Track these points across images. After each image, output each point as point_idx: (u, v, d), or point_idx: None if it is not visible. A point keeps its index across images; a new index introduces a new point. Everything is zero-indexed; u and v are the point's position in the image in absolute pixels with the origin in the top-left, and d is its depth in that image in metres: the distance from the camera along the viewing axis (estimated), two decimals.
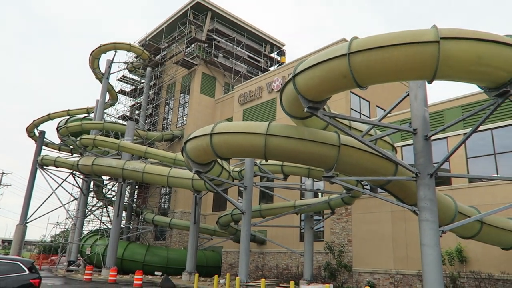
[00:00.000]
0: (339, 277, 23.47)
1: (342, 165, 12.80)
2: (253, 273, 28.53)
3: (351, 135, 11.84)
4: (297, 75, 10.75)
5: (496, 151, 19.56)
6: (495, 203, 18.17)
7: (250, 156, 13.76)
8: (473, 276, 18.56)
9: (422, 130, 12.25)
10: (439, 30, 8.88)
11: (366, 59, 9.29)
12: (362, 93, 28.07)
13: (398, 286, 21.17)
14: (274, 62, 48.06)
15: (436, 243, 11.32)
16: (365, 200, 23.28)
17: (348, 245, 23.91)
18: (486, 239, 15.69)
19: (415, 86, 12.68)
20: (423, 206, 11.61)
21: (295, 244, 26.71)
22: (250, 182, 18.96)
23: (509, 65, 8.78)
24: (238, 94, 35.14)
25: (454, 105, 21.41)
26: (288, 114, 12.99)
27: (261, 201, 30.01)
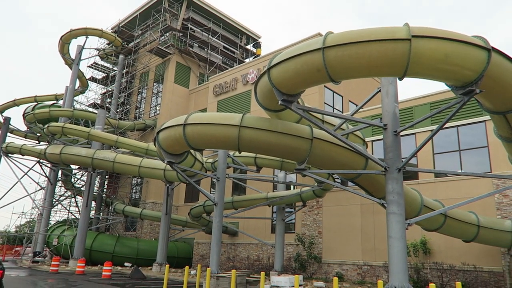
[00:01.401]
0: (309, 268, 23.91)
1: (314, 158, 12.99)
2: (225, 264, 28.66)
3: (324, 128, 12.02)
4: (272, 67, 10.79)
5: (461, 148, 20.33)
6: (458, 198, 18.94)
7: (224, 147, 13.74)
8: (436, 267, 19.33)
9: (392, 125, 12.56)
10: (410, 28, 9.11)
11: (340, 54, 9.43)
12: (335, 88, 28.46)
13: (365, 276, 21.79)
14: (250, 54, 47.93)
15: (402, 235, 11.70)
16: (336, 193, 23.74)
17: (318, 237, 24.36)
18: (449, 231, 16.33)
19: (386, 82, 12.96)
20: (391, 200, 11.95)
21: (267, 236, 26.98)
22: (223, 174, 18.95)
23: (474, 64, 9.11)
24: (213, 85, 34.89)
25: (423, 102, 22.05)
26: (262, 106, 13.03)
27: (233, 193, 30.08)
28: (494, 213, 18.35)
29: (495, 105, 10.50)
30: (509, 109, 10.43)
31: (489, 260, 18.18)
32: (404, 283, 11.32)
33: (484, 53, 9.14)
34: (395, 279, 11.40)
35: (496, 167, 18.77)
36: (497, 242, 16.44)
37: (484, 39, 9.30)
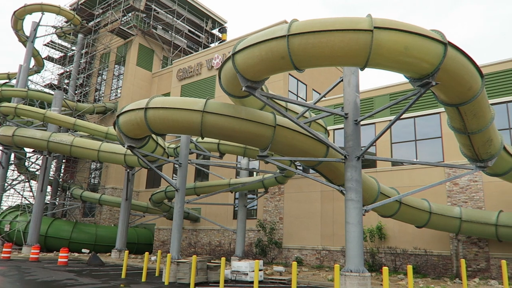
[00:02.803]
0: (269, 254, 24.32)
1: (277, 145, 13.11)
2: (186, 250, 28.60)
3: (287, 116, 12.12)
4: (237, 53, 10.70)
5: (417, 138, 21.20)
6: (413, 185, 19.81)
7: (186, 132, 13.57)
8: (390, 252, 20.23)
9: (353, 114, 12.88)
10: (373, 20, 9.29)
11: (304, 42, 9.48)
12: (300, 76, 28.70)
13: (323, 261, 22.46)
14: (216, 39, 47.26)
15: (359, 221, 12.13)
16: (297, 180, 24.15)
17: (279, 223, 24.78)
18: (403, 217, 17.10)
19: (349, 72, 13.22)
20: (349, 187, 12.32)
21: (229, 222, 27.11)
22: (185, 159, 18.75)
23: (431, 57, 9.45)
24: (177, 69, 34.19)
25: (383, 93, 22.70)
26: (227, 92, 12.94)
27: (196, 179, 29.90)
28: (445, 201, 19.37)
29: (449, 98, 10.97)
30: (462, 102, 10.94)
31: (439, 244, 19.24)
32: (360, 267, 11.79)
33: (441, 47, 9.50)
34: (351, 263, 11.84)
35: (448, 157, 19.74)
36: (447, 227, 17.40)
37: (441, 33, 9.65)
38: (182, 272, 15.59)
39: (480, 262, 18.08)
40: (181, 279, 15.54)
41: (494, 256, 17.74)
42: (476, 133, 12.08)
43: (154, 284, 15.25)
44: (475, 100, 10.88)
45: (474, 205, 18.69)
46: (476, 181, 18.92)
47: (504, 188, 17.70)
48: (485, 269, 17.88)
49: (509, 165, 14.25)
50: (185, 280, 15.39)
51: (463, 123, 11.83)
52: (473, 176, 18.92)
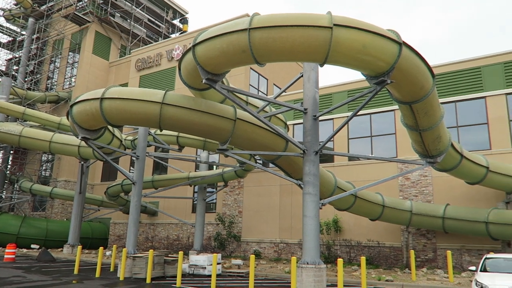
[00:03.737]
0: (228, 247, 24.37)
1: (237, 139, 13.09)
2: (143, 245, 28.04)
3: (247, 110, 12.13)
4: (197, 45, 10.55)
5: (373, 134, 21.93)
6: (368, 180, 20.50)
7: (144, 124, 13.24)
8: (345, 244, 20.88)
9: (312, 110, 13.09)
10: (333, 17, 9.45)
11: (265, 36, 9.50)
12: (261, 70, 28.77)
13: (281, 254, 22.82)
14: (176, 29, 46.30)
15: (316, 214, 12.41)
16: (257, 174, 24.30)
17: (238, 216, 24.85)
18: (358, 211, 17.68)
19: (309, 68, 13.41)
20: (307, 181, 12.55)
21: (187, 216, 26.86)
22: (143, 152, 18.31)
23: (387, 56, 9.78)
24: (136, 59, 33.21)
25: (341, 90, 23.25)
26: (187, 84, 12.74)
27: (154, 172, 29.32)
28: (397, 194, 20.22)
29: (403, 96, 11.41)
30: (415, 100, 11.41)
31: (390, 236, 20.09)
32: (316, 259, 12.08)
33: (396, 47, 9.84)
34: (307, 255, 12.10)
35: (401, 153, 20.59)
36: (398, 220, 18.18)
37: (396, 33, 9.99)
38: (138, 267, 15.28)
39: (428, 253, 19.08)
40: (137, 274, 15.24)
41: (441, 247, 18.77)
42: (427, 130, 12.66)
43: (109, 279, 14.85)
44: (427, 98, 11.38)
45: (424, 199, 19.65)
46: (426, 176, 19.88)
47: (451, 183, 18.73)
48: (432, 259, 18.89)
49: (456, 161, 15.08)
50: (141, 275, 15.11)
51: (415, 121, 12.35)
52: (423, 171, 19.86)
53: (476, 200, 18.27)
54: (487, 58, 19.56)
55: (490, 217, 16.12)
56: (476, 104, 19.45)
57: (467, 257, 18.09)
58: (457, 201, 18.55)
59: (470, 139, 19.22)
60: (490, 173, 15.91)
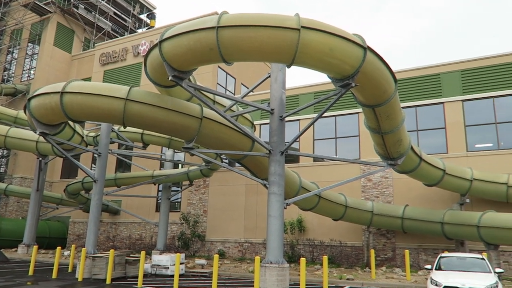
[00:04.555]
0: (192, 247, 24.12)
1: (203, 137, 12.98)
2: (103, 244, 27.25)
3: (214, 109, 12.05)
4: (164, 41, 10.37)
5: (337, 136, 22.39)
6: (332, 180, 20.86)
7: (107, 121, 12.88)
8: (308, 243, 21.19)
9: (278, 110, 13.19)
10: (300, 19, 9.56)
11: (233, 35, 9.47)
12: (229, 70, 28.69)
13: (245, 253, 22.84)
14: (143, 24, 45.32)
15: (280, 214, 12.51)
16: (223, 173, 24.21)
17: (203, 216, 24.66)
18: (321, 211, 18.00)
19: (276, 69, 13.50)
20: (272, 181, 12.63)
21: (151, 215, 26.36)
22: (105, 149, 17.78)
23: (353, 60, 10.00)
24: (100, 53, 32.21)
25: (308, 91, 23.58)
26: (152, 81, 12.49)
27: (117, 170, 28.56)
28: (359, 195, 20.74)
29: (367, 99, 11.72)
30: (378, 104, 11.75)
31: (352, 236, 20.58)
32: (279, 258, 12.18)
33: (361, 51, 10.09)
34: (271, 255, 12.18)
35: (364, 155, 21.13)
36: (360, 220, 18.66)
37: (362, 38, 10.24)
38: (98, 267, 14.83)
39: (388, 252, 19.70)
40: (96, 275, 14.78)
41: (400, 246, 19.44)
42: (388, 133, 13.06)
43: (66, 280, 14.32)
44: (389, 102, 11.74)
45: (385, 199, 20.28)
46: (387, 177, 20.52)
47: (410, 184, 19.41)
48: (391, 258, 19.53)
49: (415, 164, 15.67)
50: (101, 276, 14.67)
51: (377, 124, 12.71)
52: (384, 173, 20.48)
53: (433, 201, 19.04)
54: (446, 66, 20.44)
55: (445, 217, 16.85)
56: (435, 109, 20.27)
57: (423, 256, 18.83)
58: (416, 202, 19.27)
59: (428, 142, 20.02)
60: (447, 176, 16.64)
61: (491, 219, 15.43)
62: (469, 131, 19.33)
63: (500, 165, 18.01)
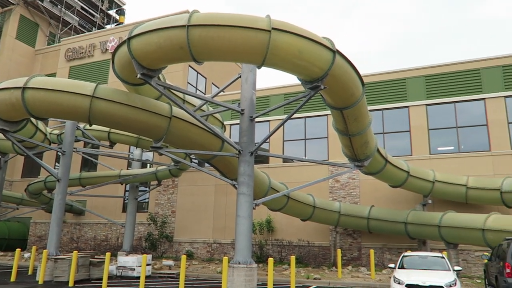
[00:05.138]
0: (159, 248, 23.75)
1: (172, 136, 12.82)
2: (67, 246, 26.38)
3: (184, 108, 11.92)
4: (133, 38, 10.16)
5: (307, 137, 22.67)
6: (301, 181, 21.07)
7: (72, 118, 12.50)
8: (277, 243, 21.33)
9: (249, 111, 13.21)
10: (271, 21, 9.61)
11: (204, 34, 9.40)
12: (200, 69, 28.48)
13: (214, 254, 22.73)
14: (112, 20, 44.25)
15: (249, 214, 12.51)
16: (192, 173, 23.98)
17: (171, 216, 24.34)
18: (290, 211, 18.17)
19: (247, 69, 13.51)
20: (241, 181, 12.63)
21: (117, 215, 25.75)
22: (69, 147, 17.22)
23: (322, 63, 10.16)
24: (66, 48, 31.18)
25: (278, 93, 23.76)
26: (120, 78, 12.22)
27: (83, 169, 27.73)
28: (327, 196, 21.08)
29: (335, 102, 11.93)
30: (346, 106, 11.99)
31: (320, 236, 20.89)
32: (248, 258, 12.18)
33: (330, 54, 10.26)
34: (239, 255, 12.16)
35: (332, 156, 21.50)
36: (328, 220, 18.98)
37: (331, 41, 10.42)
38: (60, 270, 14.35)
39: (354, 252, 20.13)
40: (58, 277, 14.31)
41: (365, 246, 19.90)
42: (356, 135, 13.35)
43: (26, 283, 13.77)
44: (357, 105, 12.01)
45: (352, 200, 20.71)
46: (354, 178, 20.96)
47: (376, 185, 19.91)
48: (357, 257, 19.96)
49: (381, 165, 16.09)
50: (63, 278, 14.21)
51: (345, 126, 12.97)
52: (351, 174, 20.91)
53: (397, 202, 19.62)
54: (411, 71, 21.13)
55: (409, 218, 17.41)
56: (401, 113, 20.90)
57: (388, 255, 19.36)
58: (381, 203, 19.79)
59: (394, 145, 20.62)
60: (410, 177, 17.19)
61: (451, 219, 16.07)
62: (432, 135, 20.06)
63: (460, 167, 18.80)
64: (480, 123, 19.27)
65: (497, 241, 13.61)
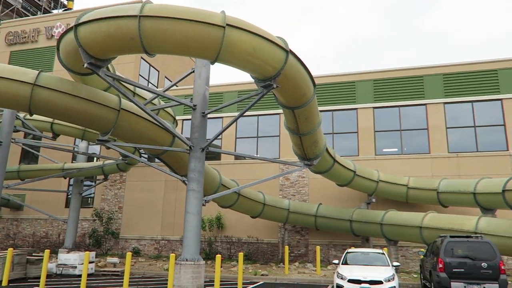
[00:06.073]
0: (105, 244, 22.93)
1: (120, 130, 12.40)
2: (2, 243, 24.71)
3: (133, 101, 11.56)
4: (81, 25, 9.69)
5: (259, 135, 22.85)
6: (252, 178, 21.18)
7: (10, 107, 11.71)
8: (226, 240, 21.34)
9: (201, 107, 13.09)
10: (226, 17, 9.57)
11: (156, 26, 9.17)
12: (152, 62, 27.77)
13: (162, 251, 22.31)
14: (60, 5, 41.94)
15: (198, 211, 12.42)
16: (141, 169, 23.36)
17: (118, 212, 23.57)
18: (240, 208, 18.24)
19: (200, 64, 13.37)
20: (192, 177, 12.50)
21: (60, 211, 24.52)
22: (7, 138, 16.14)
23: (275, 62, 10.27)
24: (7, 31, 29.11)
25: (232, 90, 23.73)
26: (66, 67, 11.64)
27: (22, 161, 26.08)
28: (277, 193, 21.39)
29: (287, 101, 12.12)
30: (297, 106, 12.22)
31: (269, 233, 21.17)
32: (195, 255, 12.09)
33: (283, 54, 10.40)
34: (187, 252, 12.04)
35: (283, 154, 21.84)
36: (277, 217, 19.27)
37: (285, 41, 10.56)
38: None
39: (301, 248, 20.61)
40: None
41: (312, 242, 20.44)
42: (306, 134, 13.66)
43: None
44: (308, 105, 12.28)
45: (301, 198, 21.17)
46: (303, 177, 21.44)
47: (324, 184, 20.49)
48: (304, 254, 20.46)
49: (329, 164, 16.59)
50: None
51: (296, 125, 13.22)
52: (301, 173, 21.37)
53: (344, 201, 20.33)
54: (360, 75, 21.94)
55: (354, 215, 18.10)
56: (350, 114, 21.65)
57: (333, 252, 20.02)
58: (329, 201, 20.40)
59: (342, 145, 21.32)
60: (357, 177, 17.88)
61: (392, 218, 16.92)
62: (378, 136, 20.98)
63: (402, 168, 19.82)
64: (421, 127, 20.42)
65: (432, 238, 14.50)
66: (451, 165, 19.42)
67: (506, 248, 13.36)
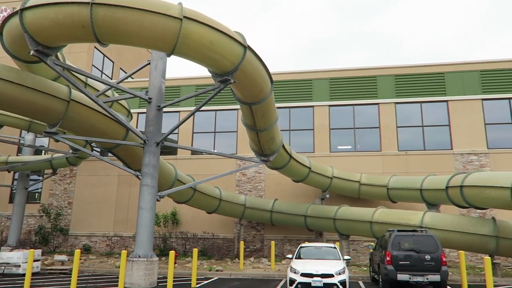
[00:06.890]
0: (52, 242, 21.89)
1: (70, 122, 11.87)
2: None
3: (85, 92, 11.09)
4: (27, 9, 9.14)
5: (217, 130, 22.71)
6: (209, 174, 21.04)
7: None
8: (181, 236, 21.07)
9: (157, 100, 12.80)
10: (183, 9, 9.39)
11: (110, 14, 8.83)
12: (107, 52, 26.76)
13: (114, 248, 21.65)
14: None
15: (152, 206, 12.16)
16: (93, 163, 22.50)
17: (67, 208, 22.60)
18: (196, 203, 18.07)
19: (157, 56, 13.06)
20: (145, 172, 12.21)
21: (3, 206, 23.11)
22: None
23: (233, 57, 10.23)
24: None
25: (190, 84, 23.38)
26: (10, 53, 10.96)
27: None
28: (234, 189, 21.39)
29: (244, 97, 12.12)
30: (254, 102, 12.25)
31: (225, 228, 21.15)
32: (148, 251, 11.84)
33: (241, 49, 10.37)
34: (140, 249, 11.78)
35: (240, 150, 21.86)
36: (233, 213, 19.28)
37: (243, 36, 10.53)
38: None
39: (257, 243, 20.77)
40: None
41: (268, 238, 20.66)
42: (263, 130, 13.74)
43: None
44: (265, 102, 12.35)
45: (257, 194, 21.30)
46: (260, 173, 21.58)
47: (280, 180, 20.73)
48: (260, 249, 20.64)
49: (286, 160, 16.81)
50: None
51: (253, 121, 13.26)
52: (258, 169, 21.50)
53: (299, 196, 20.69)
54: (317, 73, 22.37)
55: (308, 211, 18.48)
56: (306, 111, 22.03)
57: (288, 246, 20.35)
58: (284, 196, 20.68)
59: (299, 142, 21.67)
60: (312, 173, 18.24)
61: (344, 213, 17.44)
62: (333, 134, 21.51)
63: (356, 165, 20.47)
64: (374, 125, 21.18)
65: (382, 232, 15.11)
66: (400, 162, 20.32)
67: (448, 241, 14.21)
